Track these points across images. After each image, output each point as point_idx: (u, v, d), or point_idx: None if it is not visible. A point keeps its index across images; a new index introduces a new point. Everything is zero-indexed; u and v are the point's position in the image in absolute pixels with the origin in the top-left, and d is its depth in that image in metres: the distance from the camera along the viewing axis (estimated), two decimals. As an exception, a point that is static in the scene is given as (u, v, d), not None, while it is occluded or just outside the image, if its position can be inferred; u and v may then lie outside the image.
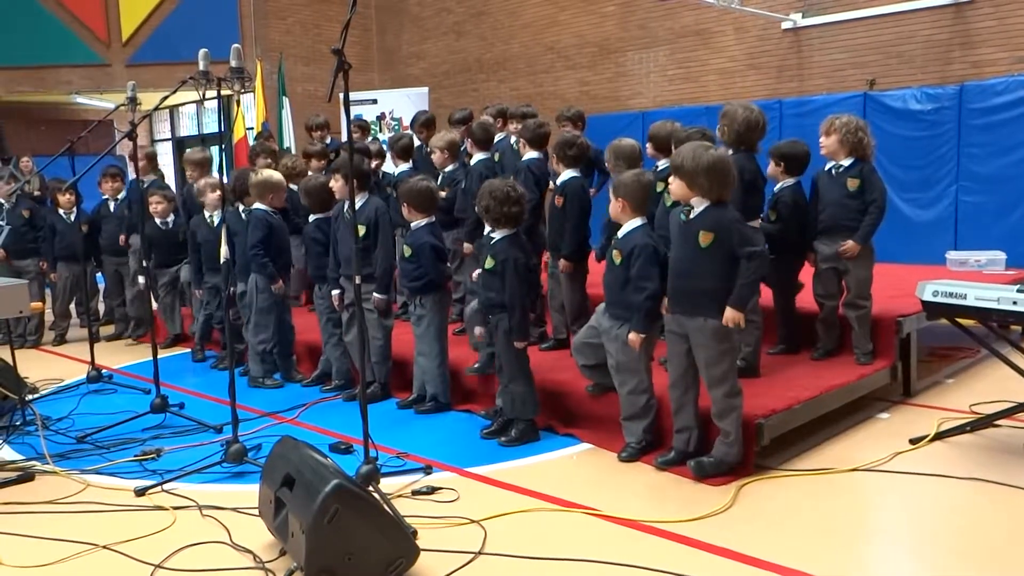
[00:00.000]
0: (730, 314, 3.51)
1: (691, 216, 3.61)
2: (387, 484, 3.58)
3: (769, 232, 4.53)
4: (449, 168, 5.94)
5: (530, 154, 5.40)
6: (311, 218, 5.41)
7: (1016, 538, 3.05)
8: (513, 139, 6.20)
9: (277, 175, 5.67)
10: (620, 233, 3.89)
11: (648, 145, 4.91)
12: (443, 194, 5.94)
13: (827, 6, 9.24)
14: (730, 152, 4.37)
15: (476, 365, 4.75)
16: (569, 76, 11.76)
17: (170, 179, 12.14)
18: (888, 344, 4.70)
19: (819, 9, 9.29)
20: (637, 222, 3.85)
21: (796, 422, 4.01)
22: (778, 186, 4.74)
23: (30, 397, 5.39)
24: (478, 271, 4.38)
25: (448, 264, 5.03)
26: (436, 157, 6.03)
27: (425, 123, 7.19)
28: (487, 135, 5.88)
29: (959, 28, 8.32)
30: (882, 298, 4.83)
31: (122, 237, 7.25)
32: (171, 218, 6.84)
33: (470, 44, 12.99)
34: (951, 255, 6.90)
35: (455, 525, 3.29)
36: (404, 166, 6.55)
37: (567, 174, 4.91)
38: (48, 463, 4.13)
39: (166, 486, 3.80)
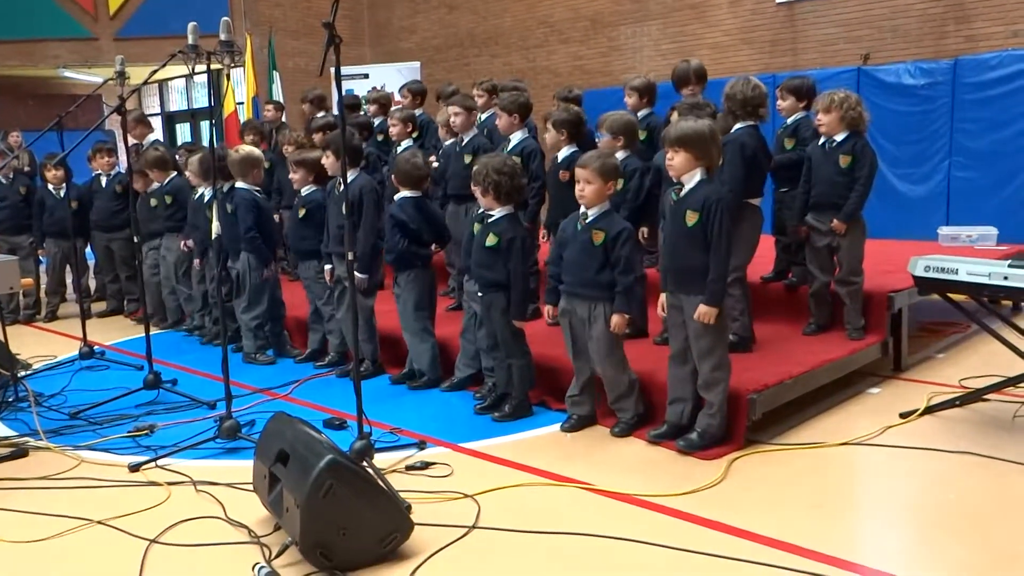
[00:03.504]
0: (703, 310, 3.55)
1: (682, 194, 3.62)
2: (381, 459, 3.59)
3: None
4: (450, 142, 5.92)
5: (520, 134, 5.33)
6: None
7: (1004, 510, 3.09)
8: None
9: (256, 151, 5.65)
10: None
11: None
12: (436, 164, 5.93)
13: (821, -21, 9.18)
14: (736, 128, 4.40)
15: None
16: (562, 50, 11.67)
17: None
18: (879, 319, 4.72)
19: (813, -18, 9.23)
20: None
21: (788, 397, 4.03)
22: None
23: (22, 373, 5.37)
24: None
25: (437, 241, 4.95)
26: (441, 132, 6.01)
27: (414, 91, 7.15)
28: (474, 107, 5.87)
29: (953, 2, 8.28)
30: (874, 273, 4.85)
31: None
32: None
33: (462, 18, 12.87)
34: (943, 230, 6.91)
35: (449, 500, 3.31)
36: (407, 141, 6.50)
37: (572, 149, 4.87)
38: (41, 439, 4.13)
39: (160, 462, 3.80)
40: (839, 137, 4.55)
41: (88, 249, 7.77)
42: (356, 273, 4.77)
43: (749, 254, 4.51)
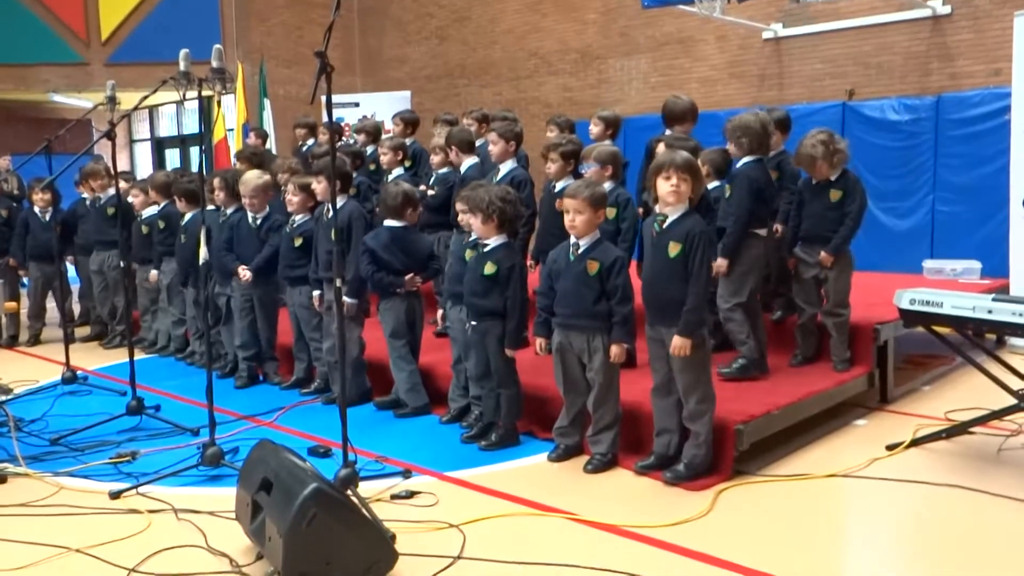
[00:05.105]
0: (677, 342, 3.55)
1: (664, 226, 3.64)
2: (366, 488, 3.55)
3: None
4: (444, 170, 5.95)
5: (510, 162, 5.37)
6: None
7: (989, 543, 3.09)
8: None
9: (249, 176, 5.64)
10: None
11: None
12: (431, 193, 5.93)
13: (807, 17, 9.33)
14: (744, 161, 4.51)
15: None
16: (551, 82, 11.79)
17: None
18: (866, 351, 4.74)
19: (799, 20, 9.38)
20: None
21: (774, 428, 4.03)
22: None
23: (3, 398, 5.31)
24: None
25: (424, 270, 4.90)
26: (434, 158, 6.04)
27: (406, 119, 7.19)
28: (471, 140, 5.89)
29: (936, 40, 8.44)
30: (860, 306, 4.87)
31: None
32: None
33: (452, 48, 12.99)
34: (928, 264, 6.98)
35: (434, 529, 3.27)
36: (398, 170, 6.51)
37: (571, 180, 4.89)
38: (21, 465, 4.07)
39: (141, 489, 3.75)
40: (832, 177, 4.60)
41: (73, 273, 7.73)
42: (345, 298, 4.78)
43: (757, 281, 4.58)
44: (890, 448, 4.07)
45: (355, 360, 5.00)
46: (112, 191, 7.12)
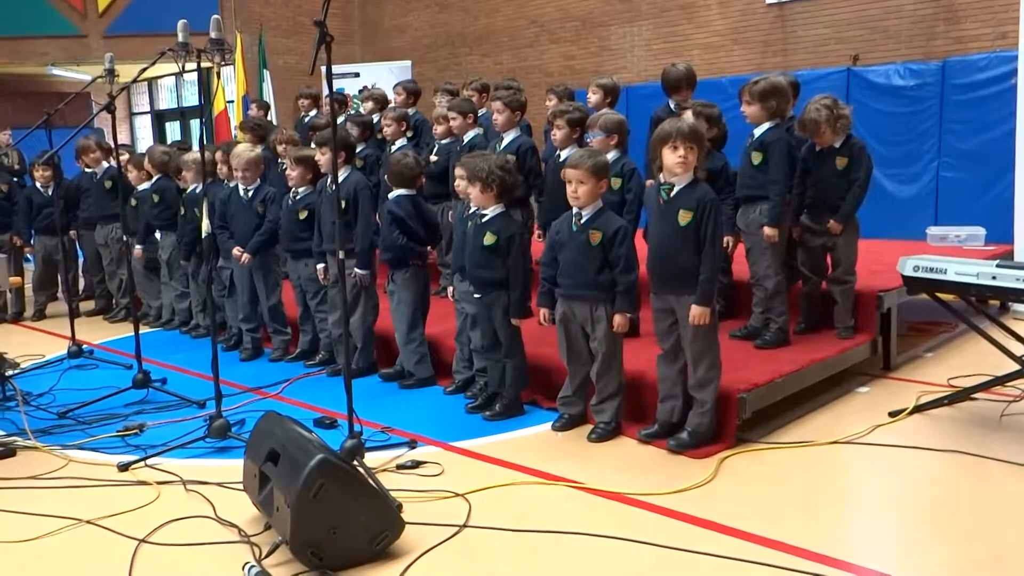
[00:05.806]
0: (696, 311, 3.54)
1: (672, 194, 3.62)
2: (372, 458, 3.59)
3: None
4: (446, 140, 5.92)
5: (514, 131, 5.34)
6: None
7: (991, 509, 3.11)
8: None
9: (240, 149, 5.61)
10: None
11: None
12: (434, 159, 5.91)
13: (812, -20, 9.22)
14: (769, 126, 4.46)
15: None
16: (553, 50, 11.68)
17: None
18: (869, 319, 4.74)
19: (804, -17, 9.27)
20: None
21: (777, 395, 4.05)
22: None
23: (10, 372, 5.34)
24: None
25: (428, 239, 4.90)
26: (437, 128, 6.02)
27: (409, 89, 7.14)
28: (474, 110, 5.86)
29: (943, 3, 8.33)
30: (864, 273, 4.86)
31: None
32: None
33: (453, 17, 12.86)
34: (932, 230, 6.94)
35: (440, 499, 3.30)
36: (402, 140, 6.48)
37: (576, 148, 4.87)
38: (29, 438, 4.11)
39: (149, 461, 3.79)
40: (836, 143, 4.56)
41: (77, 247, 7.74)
42: (356, 269, 4.79)
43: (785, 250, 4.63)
44: (893, 415, 4.08)
45: (368, 330, 5.02)
46: (106, 164, 7.13)
